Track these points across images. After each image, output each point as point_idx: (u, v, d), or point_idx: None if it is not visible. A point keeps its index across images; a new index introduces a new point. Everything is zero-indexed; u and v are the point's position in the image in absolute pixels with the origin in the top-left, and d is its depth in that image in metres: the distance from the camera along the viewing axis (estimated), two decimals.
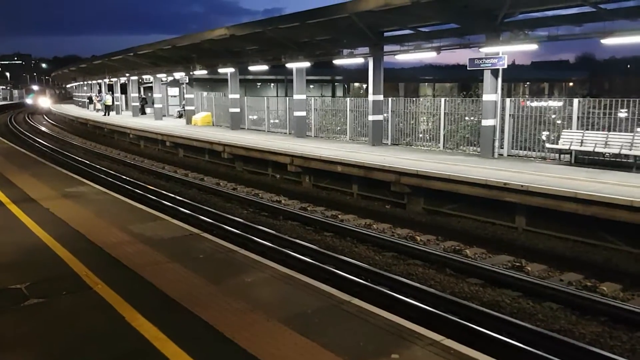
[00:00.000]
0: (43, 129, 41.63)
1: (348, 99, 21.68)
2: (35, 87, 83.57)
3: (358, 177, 14.86)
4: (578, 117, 13.86)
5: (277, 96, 39.40)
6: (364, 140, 19.65)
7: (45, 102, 70.59)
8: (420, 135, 18.32)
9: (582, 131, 13.51)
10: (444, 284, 8.31)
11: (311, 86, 44.06)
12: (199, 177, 18.44)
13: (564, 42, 14.48)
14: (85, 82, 61.61)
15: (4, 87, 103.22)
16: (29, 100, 75.77)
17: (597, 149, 12.96)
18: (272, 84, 48.17)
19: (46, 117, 56.94)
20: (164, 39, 27.57)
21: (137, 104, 42.26)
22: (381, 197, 14.38)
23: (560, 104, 14.91)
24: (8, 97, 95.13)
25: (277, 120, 25.61)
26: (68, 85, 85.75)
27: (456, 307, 7.10)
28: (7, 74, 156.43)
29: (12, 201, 10.04)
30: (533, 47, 14.58)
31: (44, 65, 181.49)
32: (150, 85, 42.42)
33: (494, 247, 10.19)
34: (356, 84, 51.38)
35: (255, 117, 27.17)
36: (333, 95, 45.94)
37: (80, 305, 5.27)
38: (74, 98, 76.74)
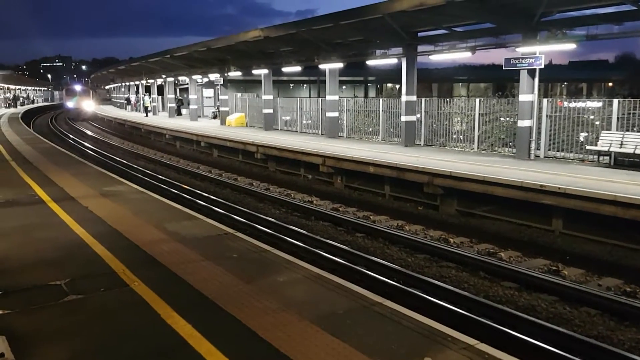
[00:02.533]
0: (82, 129, 42.69)
1: (381, 99, 21.59)
2: (78, 87, 63.23)
3: (390, 178, 14.79)
4: (618, 118, 13.51)
5: (310, 97, 39.51)
6: (397, 141, 19.54)
7: (89, 105, 57.80)
8: (454, 136, 18.11)
9: (622, 132, 13.16)
10: (478, 287, 8.20)
11: (344, 87, 44.04)
12: (232, 177, 18.65)
13: (603, 42, 14.14)
14: (123, 84, 62.98)
15: (45, 88, 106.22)
16: (70, 104, 58.04)
17: (637, 151, 12.60)
18: (305, 85, 48.31)
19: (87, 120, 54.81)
20: (199, 41, 28.00)
21: (173, 105, 42.99)
22: (414, 199, 14.27)
23: (599, 104, 14.54)
24: (49, 98, 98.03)
25: (309, 121, 25.69)
26: (106, 87, 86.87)
27: (490, 310, 7.00)
28: (49, 76, 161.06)
29: (52, 199, 10.33)
30: (571, 46, 14.25)
31: (83, 67, 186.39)
32: (185, 86, 43.13)
33: (530, 250, 10.01)
34: (389, 85, 51.11)
35: (288, 117, 27.31)
36: (365, 96, 45.82)
37: (117, 302, 5.39)
38: (112, 99, 78.24)
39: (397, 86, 40.12)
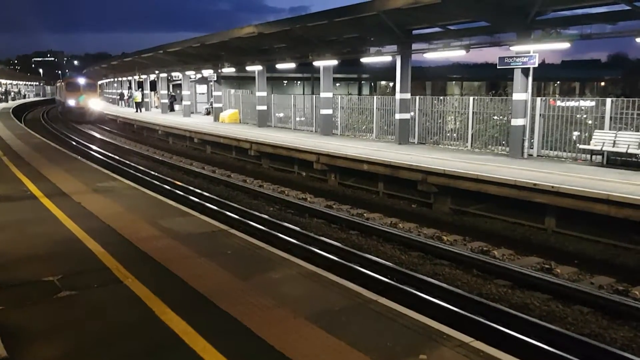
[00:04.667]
0: (74, 124, 42.37)
1: (375, 97, 21.61)
2: (82, 81, 45.38)
3: (384, 175, 14.80)
4: (611, 118, 13.58)
5: (304, 94, 39.48)
6: (391, 139, 19.56)
7: (96, 103, 44.46)
8: (448, 135, 18.16)
9: (614, 132, 13.23)
10: (471, 285, 8.23)
11: (338, 84, 44.02)
12: (226, 174, 18.60)
13: (596, 41, 14.20)
14: (116, 79, 62.65)
15: (36, 83, 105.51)
16: (72, 102, 42.94)
17: (630, 150, 12.68)
18: (299, 82, 48.27)
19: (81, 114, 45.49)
20: (193, 37, 27.87)
21: (166, 101, 42.80)
22: (407, 196, 14.29)
23: (592, 103, 14.62)
24: (41, 94, 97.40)
25: (303, 118, 25.67)
26: (99, 82, 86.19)
27: (484, 308, 7.02)
28: (41, 71, 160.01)
29: (45, 195, 10.26)
30: (565, 45, 14.31)
31: (75, 62, 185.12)
32: (179, 82, 42.94)
33: (523, 248, 10.05)
34: (383, 82, 51.16)
35: (281, 114, 27.28)
36: (359, 94, 45.84)
37: (110, 299, 5.36)
38: (104, 94, 77.66)
39: (391, 84, 40.18)
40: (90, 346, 4.40)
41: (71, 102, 43.18)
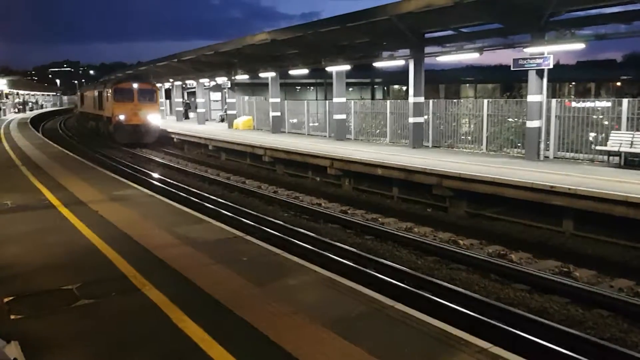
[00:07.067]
0: (90, 133, 42.79)
1: (388, 101, 21.58)
2: (135, 85, 29.73)
3: (398, 180, 14.75)
4: (628, 118, 13.42)
5: (317, 99, 39.52)
6: (404, 143, 19.50)
7: (156, 118, 30.68)
8: (462, 138, 18.06)
9: (632, 132, 13.06)
10: (489, 290, 8.15)
11: (350, 89, 44.01)
12: (240, 180, 18.67)
13: (611, 41, 14.05)
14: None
15: (53, 93, 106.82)
16: (122, 116, 29.41)
17: None
18: (312, 88, 48.37)
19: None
20: (207, 45, 28.08)
21: (181, 108, 43.14)
22: (422, 200, 14.23)
23: (609, 104, 14.46)
24: (58, 103, 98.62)
25: (316, 124, 25.70)
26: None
27: (502, 313, 6.95)
28: (57, 81, 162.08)
29: (63, 204, 10.37)
30: (579, 46, 14.19)
31: (91, 72, 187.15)
32: (193, 90, 43.26)
33: (541, 252, 9.93)
34: (396, 86, 51.10)
35: (295, 120, 27.34)
36: (372, 98, 45.80)
37: (128, 307, 5.39)
38: None
39: (404, 88, 40.09)
40: (108, 355, 4.43)
41: (121, 116, 29.55)
